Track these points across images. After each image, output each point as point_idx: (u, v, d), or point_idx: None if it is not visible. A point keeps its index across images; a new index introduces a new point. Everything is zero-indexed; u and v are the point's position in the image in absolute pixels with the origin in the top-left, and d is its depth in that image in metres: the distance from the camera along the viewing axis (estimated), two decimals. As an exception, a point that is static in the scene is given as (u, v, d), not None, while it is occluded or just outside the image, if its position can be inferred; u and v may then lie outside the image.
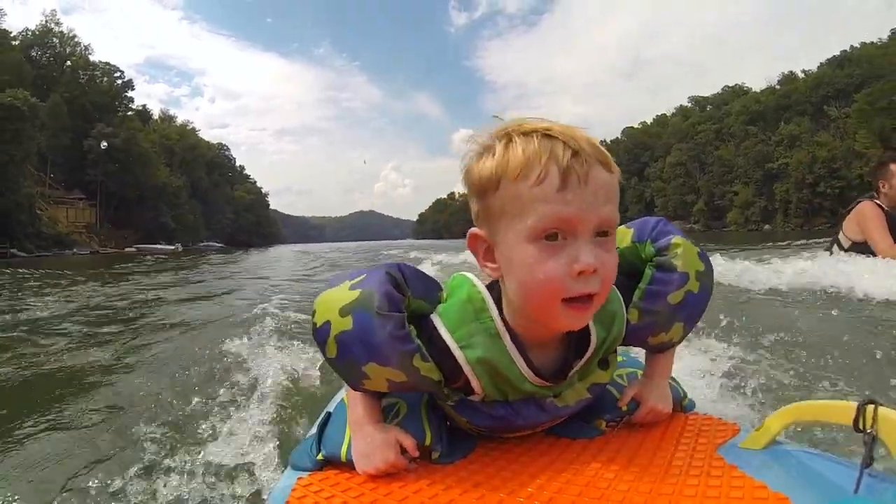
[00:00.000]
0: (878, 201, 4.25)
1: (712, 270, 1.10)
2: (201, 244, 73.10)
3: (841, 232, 4.52)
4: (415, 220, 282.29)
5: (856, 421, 0.75)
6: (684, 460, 0.92)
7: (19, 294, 7.57)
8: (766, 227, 69.13)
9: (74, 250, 46.66)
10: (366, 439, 0.97)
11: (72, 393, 2.55)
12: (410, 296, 0.96)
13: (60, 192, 56.89)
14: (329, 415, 1.13)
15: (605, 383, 1.06)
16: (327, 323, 0.95)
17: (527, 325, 0.93)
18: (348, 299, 0.94)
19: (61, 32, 68.47)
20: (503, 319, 0.94)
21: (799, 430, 1.38)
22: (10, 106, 40.04)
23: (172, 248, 54.88)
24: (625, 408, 1.08)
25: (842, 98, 68.47)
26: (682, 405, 1.17)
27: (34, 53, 63.71)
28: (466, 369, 0.95)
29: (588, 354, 1.00)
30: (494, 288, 0.96)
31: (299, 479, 0.97)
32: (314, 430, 1.10)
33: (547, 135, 0.83)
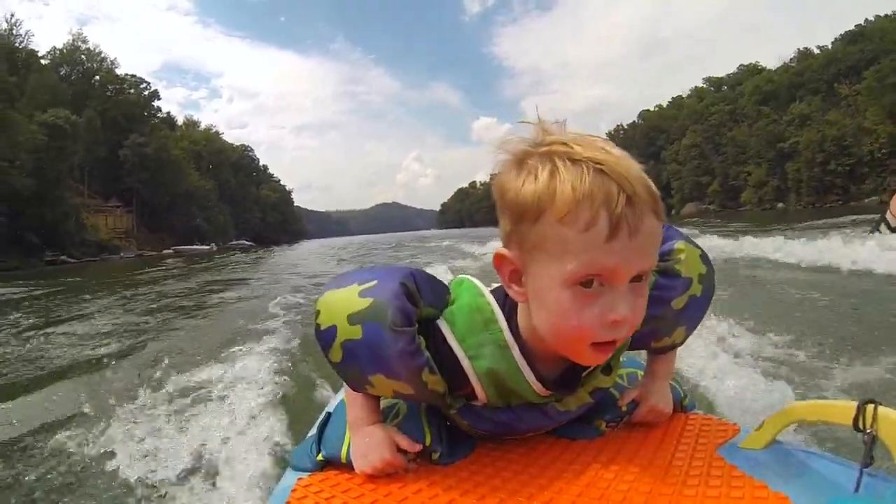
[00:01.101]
0: None
1: (714, 272, 1.11)
2: (232, 243, 76.46)
3: (888, 212, 4.71)
4: (438, 209, 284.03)
5: (855, 420, 0.75)
6: (684, 460, 0.92)
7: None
8: (780, 205, 69.74)
9: (122, 255, 50.19)
10: (364, 439, 0.97)
11: (75, 388, 2.88)
12: (422, 305, 0.93)
13: (98, 201, 60.17)
14: (329, 415, 1.13)
15: (608, 388, 1.05)
16: (333, 327, 0.92)
17: (542, 343, 0.89)
18: (359, 307, 0.90)
19: (88, 49, 71.70)
20: (512, 329, 0.91)
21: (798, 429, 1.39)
22: (54, 125, 43.40)
23: (208, 248, 58.43)
24: (625, 408, 1.09)
25: (854, 74, 68.20)
26: (682, 405, 1.18)
27: (63, 71, 66.81)
28: (473, 380, 0.93)
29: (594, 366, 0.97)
30: (500, 294, 0.93)
31: (299, 479, 0.97)
32: (314, 430, 1.11)
33: (600, 170, 0.75)
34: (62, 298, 9.31)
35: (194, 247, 58.16)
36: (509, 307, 0.92)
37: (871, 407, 0.75)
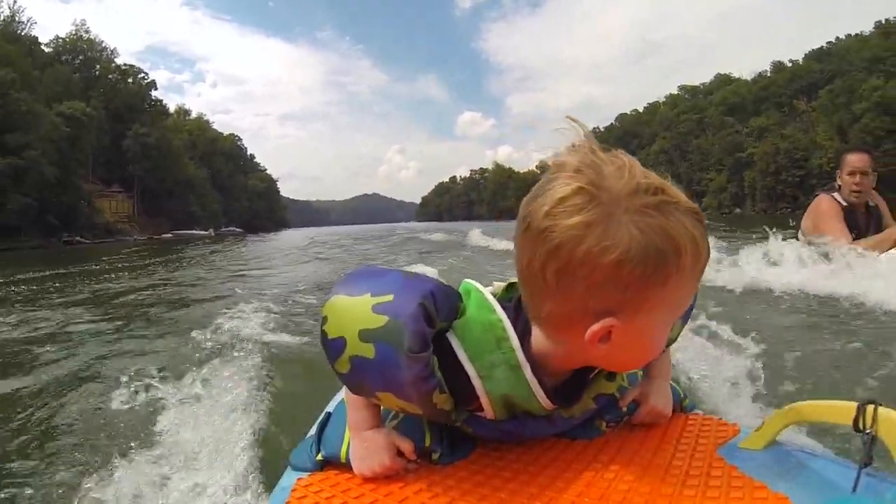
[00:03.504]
0: (835, 195, 4.14)
1: None
2: (223, 229, 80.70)
3: (800, 231, 4.41)
4: (418, 202, 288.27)
5: (856, 421, 0.75)
6: (684, 461, 0.91)
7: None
8: (738, 210, 75.66)
9: (135, 237, 54.69)
10: (363, 443, 0.95)
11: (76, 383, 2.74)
12: (438, 324, 0.86)
13: (100, 187, 63.84)
14: (329, 415, 1.12)
15: (611, 393, 1.03)
16: (342, 339, 0.86)
17: (554, 360, 0.87)
18: (372, 325, 0.84)
19: (90, 39, 74.86)
20: (524, 346, 0.87)
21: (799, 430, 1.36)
22: (71, 116, 47.78)
23: (206, 233, 62.29)
24: (625, 408, 1.06)
25: (814, 91, 73.56)
26: (682, 405, 1.17)
27: (65, 59, 69.94)
28: (483, 399, 0.90)
29: (595, 371, 0.98)
30: (511, 309, 0.89)
31: (299, 479, 0.97)
32: (314, 430, 1.10)
33: (700, 220, 0.75)
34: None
35: (193, 231, 62.39)
36: (522, 324, 0.88)
37: (871, 407, 0.74)
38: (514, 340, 0.86)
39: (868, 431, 0.74)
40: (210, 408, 2.06)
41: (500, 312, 0.88)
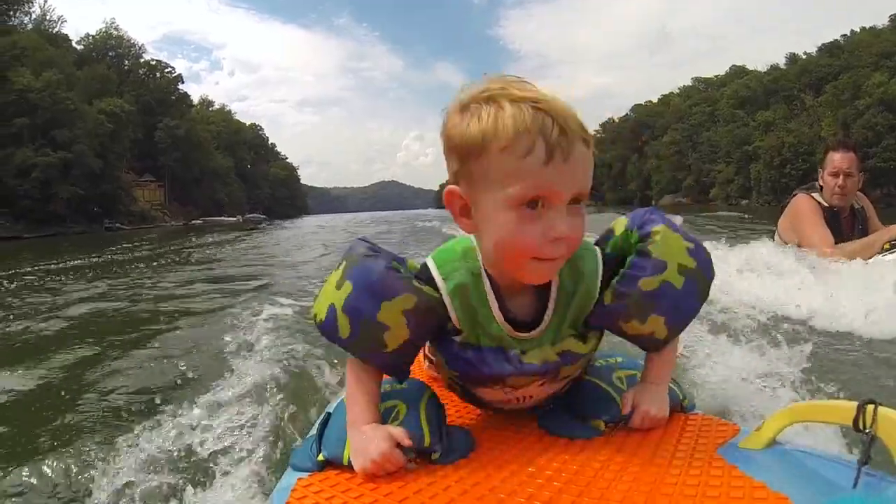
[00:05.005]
0: (815, 194, 3.84)
1: (706, 271, 1.07)
2: (248, 216, 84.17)
3: (776, 233, 4.11)
4: (436, 189, 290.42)
5: (856, 420, 0.75)
6: (684, 460, 0.91)
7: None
8: (745, 202, 77.02)
9: (172, 223, 58.92)
10: (362, 436, 0.98)
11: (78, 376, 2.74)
12: (396, 263, 1.02)
13: (133, 177, 67.32)
14: (329, 416, 1.14)
15: (582, 354, 1.06)
16: (331, 306, 1.00)
17: (499, 273, 0.99)
18: (338, 275, 1.01)
19: (119, 36, 77.85)
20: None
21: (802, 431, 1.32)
22: (111, 112, 51.54)
23: (234, 219, 66.43)
24: (625, 411, 1.08)
25: (822, 86, 73.48)
26: (681, 406, 1.17)
27: (94, 54, 72.72)
28: (446, 300, 0.99)
29: (552, 305, 1.02)
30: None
31: (299, 479, 0.98)
32: (314, 430, 1.12)
33: (536, 107, 0.85)
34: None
35: (222, 218, 66.46)
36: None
37: (871, 407, 0.75)
38: (480, 256, 1.02)
39: (868, 431, 0.75)
40: (211, 406, 2.06)
41: (474, 240, 1.04)
